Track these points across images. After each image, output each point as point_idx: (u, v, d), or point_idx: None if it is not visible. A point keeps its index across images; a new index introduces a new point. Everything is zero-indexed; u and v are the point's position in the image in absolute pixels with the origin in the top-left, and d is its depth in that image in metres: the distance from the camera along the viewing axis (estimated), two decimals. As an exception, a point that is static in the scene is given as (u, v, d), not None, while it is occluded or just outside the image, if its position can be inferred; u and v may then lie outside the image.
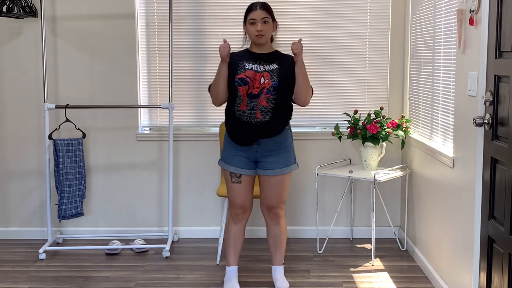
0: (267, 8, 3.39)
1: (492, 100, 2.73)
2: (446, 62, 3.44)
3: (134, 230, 4.56)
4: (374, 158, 4.18)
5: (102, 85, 4.43)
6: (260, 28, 3.32)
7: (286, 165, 3.43)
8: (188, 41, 4.43)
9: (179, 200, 4.55)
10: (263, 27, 3.33)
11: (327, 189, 4.51)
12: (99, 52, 4.41)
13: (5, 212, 4.57)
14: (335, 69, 4.44)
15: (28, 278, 3.78)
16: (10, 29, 4.37)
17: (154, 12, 4.41)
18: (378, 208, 4.45)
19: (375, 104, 4.45)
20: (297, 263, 4.02)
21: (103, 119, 4.47)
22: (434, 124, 3.69)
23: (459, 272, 3.17)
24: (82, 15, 4.38)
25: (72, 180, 4.14)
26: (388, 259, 4.10)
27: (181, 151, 4.49)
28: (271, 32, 3.42)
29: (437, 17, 3.61)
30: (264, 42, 3.39)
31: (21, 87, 4.44)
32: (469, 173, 2.99)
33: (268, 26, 3.35)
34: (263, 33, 3.33)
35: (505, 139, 2.61)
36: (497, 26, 2.67)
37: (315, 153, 4.48)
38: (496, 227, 2.70)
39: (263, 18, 3.33)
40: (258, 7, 3.36)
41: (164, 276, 3.80)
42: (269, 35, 3.41)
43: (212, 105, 4.45)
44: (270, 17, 3.37)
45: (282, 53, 3.48)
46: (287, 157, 3.44)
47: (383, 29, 4.40)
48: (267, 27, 3.35)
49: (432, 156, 3.64)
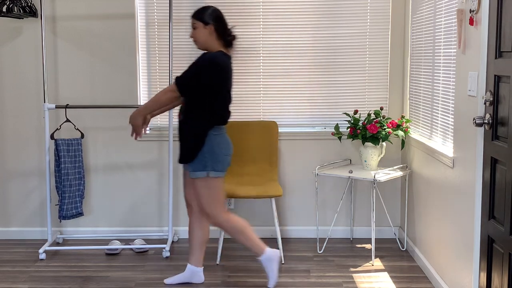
0: (195, 14, 3.41)
1: (492, 100, 2.73)
2: (446, 62, 3.44)
3: (134, 230, 4.56)
4: (374, 158, 4.18)
5: (102, 85, 4.44)
6: (190, 34, 3.43)
7: (194, 170, 3.36)
8: (188, 41, 4.43)
9: (179, 200, 4.55)
10: (192, 34, 3.41)
11: (327, 189, 4.51)
12: (99, 52, 4.41)
13: (5, 212, 4.57)
14: (335, 69, 4.44)
15: (28, 278, 3.78)
16: (10, 29, 4.37)
17: (154, 12, 4.41)
18: (378, 208, 4.45)
19: (375, 104, 4.45)
20: (297, 263, 4.02)
21: (103, 119, 4.47)
22: (434, 124, 3.69)
23: (459, 272, 3.17)
24: (82, 15, 4.38)
25: (72, 180, 4.14)
26: (388, 259, 4.10)
27: (181, 151, 4.49)
28: (204, 37, 3.39)
29: (437, 17, 3.61)
30: (199, 47, 3.42)
31: (21, 87, 4.44)
32: (469, 173, 2.99)
33: (196, 31, 3.39)
34: (194, 38, 3.41)
35: (505, 139, 2.61)
36: (497, 26, 2.68)
37: (315, 153, 4.48)
38: (496, 227, 2.70)
39: (192, 25, 3.41)
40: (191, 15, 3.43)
41: (164, 276, 3.80)
42: (202, 40, 3.39)
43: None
44: (198, 22, 3.38)
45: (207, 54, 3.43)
46: (198, 162, 3.34)
47: (383, 29, 4.40)
48: (195, 33, 3.39)
49: (432, 156, 3.64)
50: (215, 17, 3.38)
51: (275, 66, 4.44)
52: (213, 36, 3.38)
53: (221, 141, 3.38)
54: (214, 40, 3.39)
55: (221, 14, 3.43)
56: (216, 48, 3.39)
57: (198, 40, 3.40)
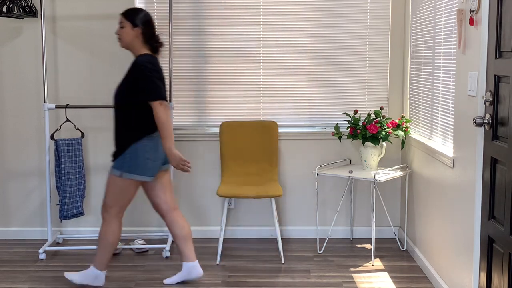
0: (125, 13, 3.44)
1: (492, 100, 2.73)
2: (446, 62, 3.44)
3: (134, 230, 4.56)
4: (374, 158, 4.18)
5: (102, 85, 4.43)
6: (116, 31, 3.45)
7: (113, 166, 3.41)
8: (188, 41, 4.43)
9: (179, 200, 4.55)
10: (119, 31, 3.43)
11: (327, 189, 4.51)
12: (99, 52, 4.41)
13: (5, 212, 4.57)
14: (335, 69, 4.44)
15: (28, 278, 3.78)
16: (10, 29, 4.37)
17: (154, 12, 4.41)
18: (378, 208, 4.45)
19: (375, 104, 4.45)
20: (297, 263, 4.02)
21: (103, 119, 4.47)
22: (434, 124, 3.69)
23: (459, 272, 3.17)
24: (82, 15, 4.38)
25: (72, 180, 4.14)
26: (388, 259, 4.10)
27: (181, 151, 4.49)
28: (130, 37, 3.42)
29: (437, 17, 3.61)
30: (122, 45, 3.45)
31: (21, 87, 4.44)
32: (469, 173, 2.99)
33: (123, 30, 3.41)
34: (119, 36, 3.43)
35: (505, 139, 2.61)
36: (497, 26, 2.68)
37: (315, 153, 4.48)
38: (496, 227, 2.70)
39: (120, 22, 3.43)
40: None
41: (164, 276, 3.80)
42: (127, 40, 3.42)
43: (212, 105, 4.49)
44: (127, 21, 3.41)
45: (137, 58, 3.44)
46: (119, 160, 3.39)
47: (383, 29, 4.40)
48: (122, 31, 3.42)
49: (432, 156, 3.64)
50: (145, 21, 3.43)
51: (275, 66, 4.44)
52: (139, 39, 3.42)
53: (147, 145, 3.39)
54: (139, 43, 3.43)
55: (151, 20, 3.47)
56: (139, 51, 3.43)
57: (122, 39, 3.44)
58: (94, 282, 3.52)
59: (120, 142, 3.42)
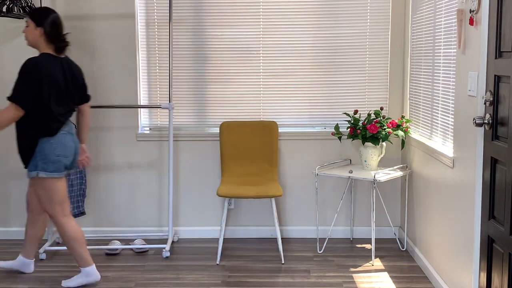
0: (30, 13, 3.52)
1: (492, 100, 2.73)
2: (446, 62, 3.44)
3: (134, 230, 4.56)
4: (374, 158, 4.18)
5: (102, 85, 4.43)
6: (23, 30, 3.50)
7: (28, 169, 3.46)
8: (188, 41, 4.43)
9: (179, 200, 4.55)
10: (24, 30, 3.48)
11: (327, 189, 4.51)
12: (99, 52, 4.41)
13: (5, 212, 4.57)
14: (335, 69, 4.44)
15: (28, 278, 3.78)
16: (10, 29, 4.37)
17: (154, 12, 4.41)
18: (378, 208, 4.45)
19: (375, 104, 4.45)
20: (297, 263, 4.02)
21: (103, 119, 4.47)
22: (434, 124, 3.69)
23: (459, 272, 3.17)
24: (82, 15, 4.38)
25: (73, 180, 4.14)
26: (388, 259, 4.10)
27: (181, 151, 4.49)
28: (33, 36, 3.46)
29: (437, 17, 3.61)
30: (28, 44, 3.49)
31: (21, 87, 4.43)
32: (469, 173, 2.99)
33: (27, 29, 3.45)
34: (25, 35, 3.48)
35: (505, 139, 2.61)
36: (497, 26, 2.68)
37: (315, 153, 4.48)
38: (496, 227, 2.70)
39: (26, 21, 3.48)
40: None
41: (164, 276, 3.80)
42: (30, 38, 3.47)
43: (212, 105, 4.49)
44: (31, 21, 3.46)
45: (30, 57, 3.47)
46: (31, 162, 3.44)
47: (383, 29, 4.40)
48: (26, 30, 3.46)
49: (432, 156, 3.64)
50: (49, 22, 3.45)
51: (275, 66, 4.44)
52: (43, 38, 3.45)
53: (55, 142, 3.43)
54: (43, 42, 3.46)
55: (58, 20, 3.50)
56: (42, 50, 3.47)
57: (27, 38, 3.49)
58: (88, 280, 3.63)
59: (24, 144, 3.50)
